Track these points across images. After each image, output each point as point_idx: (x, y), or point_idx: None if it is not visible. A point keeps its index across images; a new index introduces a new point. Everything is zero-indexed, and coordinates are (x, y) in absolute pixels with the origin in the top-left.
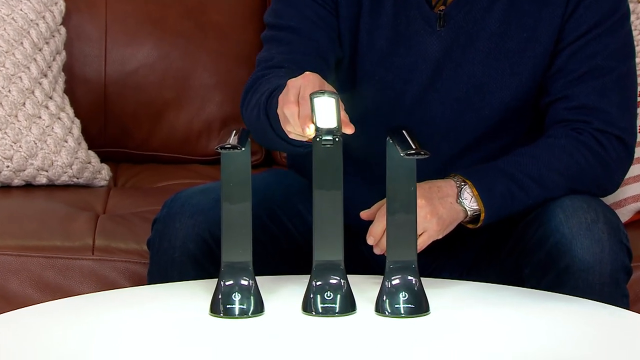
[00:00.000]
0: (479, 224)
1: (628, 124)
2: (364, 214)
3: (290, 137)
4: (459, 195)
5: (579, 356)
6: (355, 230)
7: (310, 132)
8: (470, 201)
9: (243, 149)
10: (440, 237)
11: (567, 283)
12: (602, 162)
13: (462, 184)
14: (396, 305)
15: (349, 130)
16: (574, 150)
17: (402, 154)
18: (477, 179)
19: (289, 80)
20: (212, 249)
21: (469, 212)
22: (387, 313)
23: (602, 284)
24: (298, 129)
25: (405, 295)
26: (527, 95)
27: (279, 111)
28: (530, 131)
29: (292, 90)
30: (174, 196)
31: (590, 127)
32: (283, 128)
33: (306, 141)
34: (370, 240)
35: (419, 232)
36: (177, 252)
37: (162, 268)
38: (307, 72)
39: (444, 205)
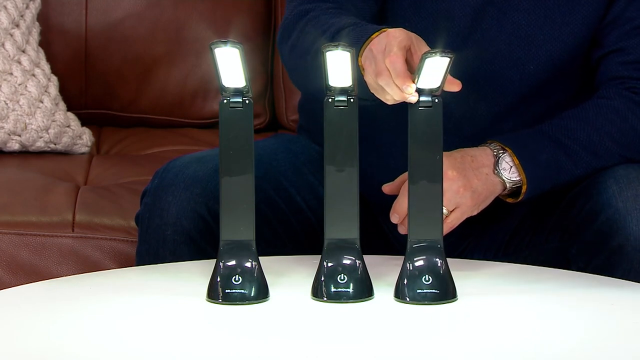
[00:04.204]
0: (520, 198)
1: None
2: (387, 188)
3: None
4: (496, 164)
5: (636, 352)
6: (373, 202)
7: (411, 90)
8: (509, 171)
9: (239, 47)
10: (475, 213)
11: (620, 265)
12: None
13: (501, 151)
14: (418, 291)
15: (455, 87)
16: (629, 112)
17: (424, 56)
18: (518, 146)
19: (371, 45)
20: (210, 226)
21: (507, 184)
22: (407, 299)
23: None
24: (398, 95)
25: (428, 279)
26: (578, 49)
27: (369, 80)
28: (581, 91)
29: (378, 57)
30: (167, 165)
31: None
32: (375, 95)
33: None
34: (394, 219)
35: (450, 208)
36: (170, 229)
37: (152, 247)
38: (388, 30)
39: (479, 177)
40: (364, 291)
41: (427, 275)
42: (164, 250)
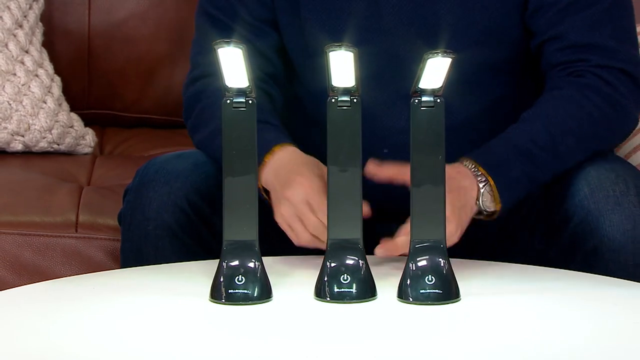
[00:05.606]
0: (494, 216)
1: (630, 55)
2: (379, 251)
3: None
4: (479, 196)
5: (637, 352)
6: (374, 205)
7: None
8: (489, 201)
9: (242, 47)
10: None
11: (596, 265)
12: (614, 103)
13: (484, 182)
14: (421, 291)
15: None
16: (583, 98)
17: (426, 57)
18: (496, 173)
19: (287, 193)
20: (191, 219)
21: (484, 213)
22: (411, 299)
23: (637, 264)
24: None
25: (432, 279)
26: (499, 30)
27: (281, 225)
28: (526, 80)
29: (296, 226)
30: (147, 163)
31: (589, 65)
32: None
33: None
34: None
35: None
36: (151, 225)
37: (135, 244)
38: (297, 179)
39: (467, 214)
40: (367, 291)
41: (430, 276)
42: (147, 245)
